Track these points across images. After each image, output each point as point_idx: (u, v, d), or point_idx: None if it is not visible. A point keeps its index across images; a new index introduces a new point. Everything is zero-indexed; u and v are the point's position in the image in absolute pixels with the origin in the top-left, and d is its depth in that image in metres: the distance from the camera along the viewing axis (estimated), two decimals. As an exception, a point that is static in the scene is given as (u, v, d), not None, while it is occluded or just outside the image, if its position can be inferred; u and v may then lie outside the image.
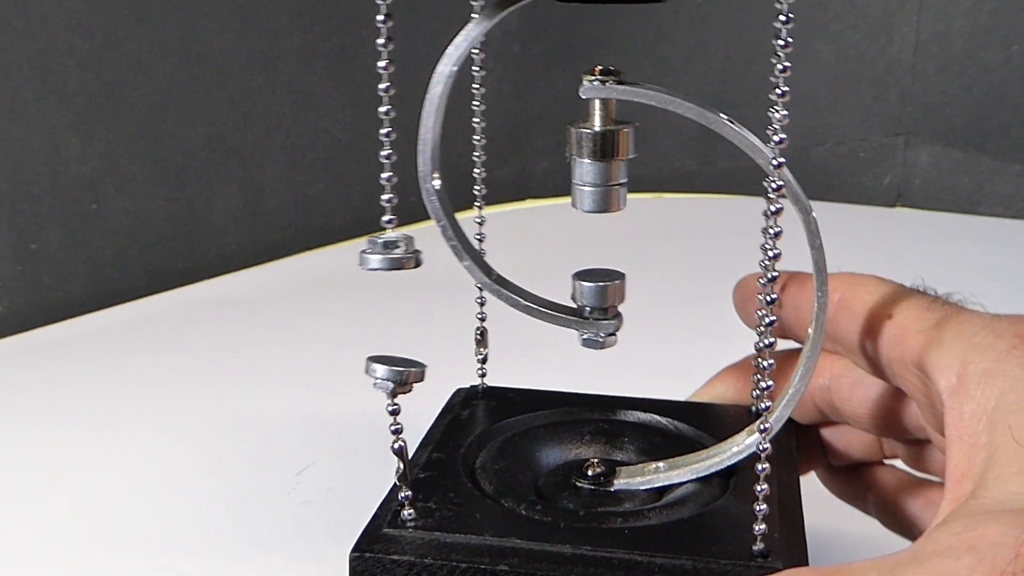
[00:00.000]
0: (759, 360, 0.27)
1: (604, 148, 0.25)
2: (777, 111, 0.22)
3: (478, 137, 0.29)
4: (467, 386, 0.32)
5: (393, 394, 0.24)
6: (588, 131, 0.25)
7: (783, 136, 0.22)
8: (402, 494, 0.24)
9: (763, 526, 0.23)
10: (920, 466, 0.29)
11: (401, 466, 0.24)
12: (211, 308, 0.60)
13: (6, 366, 0.52)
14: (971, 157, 0.81)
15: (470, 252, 0.28)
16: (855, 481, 0.31)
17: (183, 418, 0.45)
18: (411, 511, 0.24)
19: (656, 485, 0.27)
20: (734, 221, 0.77)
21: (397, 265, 0.24)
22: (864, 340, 0.26)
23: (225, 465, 0.41)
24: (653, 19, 0.80)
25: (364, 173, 0.73)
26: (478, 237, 0.30)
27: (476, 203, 0.31)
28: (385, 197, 0.24)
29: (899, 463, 0.30)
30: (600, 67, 0.24)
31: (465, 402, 0.31)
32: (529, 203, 0.83)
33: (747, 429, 0.27)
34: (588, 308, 0.27)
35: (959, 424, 0.22)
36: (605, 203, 0.25)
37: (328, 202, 0.72)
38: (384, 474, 0.42)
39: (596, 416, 0.30)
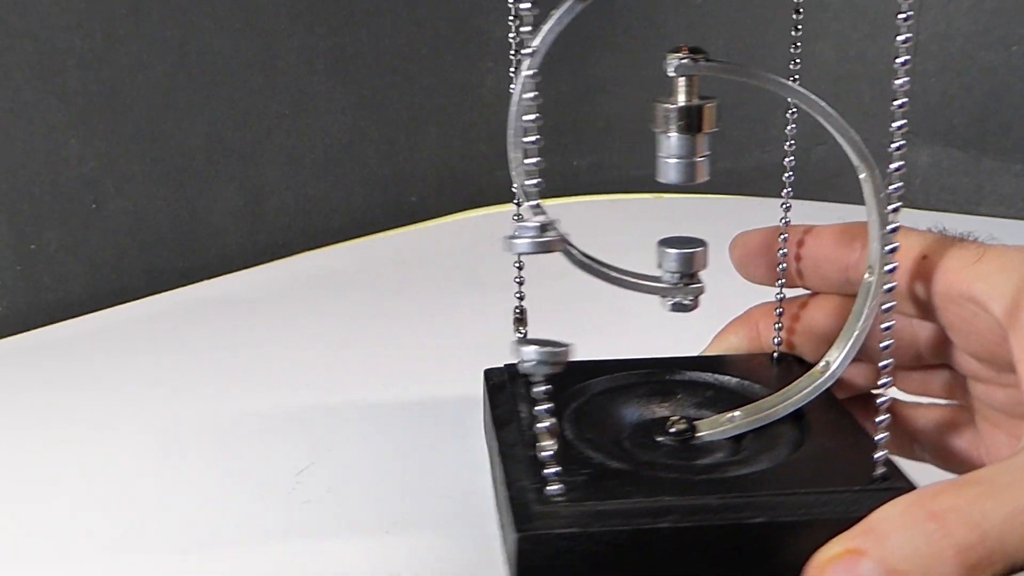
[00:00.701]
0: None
1: (690, 122, 0.26)
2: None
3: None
4: (499, 366, 0.32)
5: (545, 376, 0.23)
6: (674, 106, 0.26)
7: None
8: (550, 470, 0.24)
9: (883, 452, 0.24)
10: (920, 389, 0.31)
11: (549, 444, 0.24)
12: (211, 308, 0.60)
13: (6, 366, 0.52)
14: (971, 157, 0.81)
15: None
16: (897, 430, 0.32)
17: (183, 418, 0.45)
18: (558, 487, 0.24)
19: (739, 432, 0.28)
20: (735, 221, 0.76)
21: (546, 248, 0.23)
22: (911, 282, 0.28)
23: (225, 465, 0.41)
24: (653, 20, 0.80)
25: (364, 173, 0.73)
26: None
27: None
28: (532, 182, 0.25)
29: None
30: (687, 46, 0.26)
31: (512, 380, 0.31)
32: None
33: (809, 374, 0.29)
34: (677, 274, 0.28)
35: None
36: (691, 175, 0.27)
37: (328, 202, 0.72)
38: (384, 473, 0.42)
39: (646, 378, 0.31)
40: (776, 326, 0.31)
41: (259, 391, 0.48)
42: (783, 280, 0.31)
